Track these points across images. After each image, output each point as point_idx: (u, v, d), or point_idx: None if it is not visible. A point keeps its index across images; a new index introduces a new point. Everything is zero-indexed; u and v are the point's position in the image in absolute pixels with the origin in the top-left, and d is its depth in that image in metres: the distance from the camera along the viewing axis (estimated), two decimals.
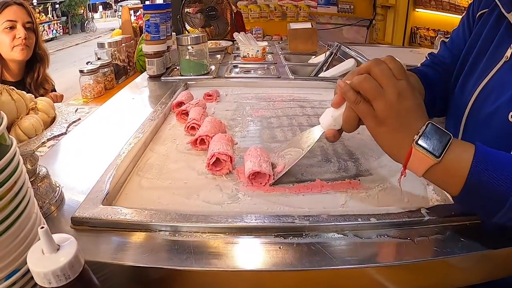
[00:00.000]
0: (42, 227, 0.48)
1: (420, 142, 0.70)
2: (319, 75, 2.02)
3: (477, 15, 1.14)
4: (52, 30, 19.97)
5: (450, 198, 0.83)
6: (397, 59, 0.76)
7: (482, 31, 1.10)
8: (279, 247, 0.71)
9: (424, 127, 0.71)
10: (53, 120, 0.88)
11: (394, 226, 0.77)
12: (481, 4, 1.14)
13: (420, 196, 0.89)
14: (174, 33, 2.34)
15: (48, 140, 0.78)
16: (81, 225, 0.78)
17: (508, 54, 0.97)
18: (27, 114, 0.85)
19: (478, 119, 1.04)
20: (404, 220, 0.77)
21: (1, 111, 0.55)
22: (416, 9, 5.96)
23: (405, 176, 0.77)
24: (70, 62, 11.31)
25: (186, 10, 3.01)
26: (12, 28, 1.95)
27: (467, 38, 1.17)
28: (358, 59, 2.24)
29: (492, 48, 1.04)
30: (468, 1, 5.15)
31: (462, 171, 0.68)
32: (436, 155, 0.69)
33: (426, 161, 0.70)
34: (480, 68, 1.06)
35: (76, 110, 0.91)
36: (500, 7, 1.02)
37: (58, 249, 0.50)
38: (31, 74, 2.14)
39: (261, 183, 0.92)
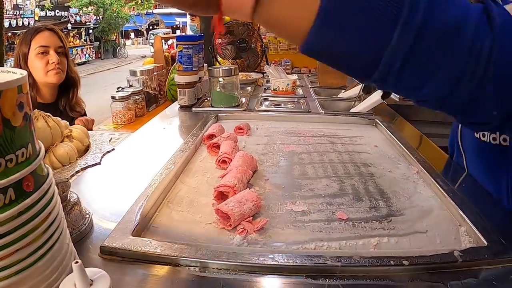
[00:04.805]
0: (77, 262, 0.48)
1: None
2: (350, 110, 2.01)
3: None
4: (85, 54, 20.60)
5: (483, 240, 0.82)
6: None
7: None
8: None
9: None
10: (87, 148, 0.89)
11: (427, 269, 0.75)
12: None
13: (452, 237, 0.88)
14: (206, 64, 2.37)
15: (82, 169, 0.78)
16: (109, 255, 0.78)
17: None
18: (62, 141, 0.85)
19: None
20: (437, 263, 0.75)
21: (39, 141, 0.56)
22: None
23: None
24: (101, 86, 11.57)
25: (217, 41, 3.05)
26: (44, 53, 2.00)
27: None
28: None
29: None
30: None
31: None
32: None
33: None
34: None
35: (110, 140, 0.92)
36: None
37: (91, 285, 0.49)
38: (65, 97, 2.18)
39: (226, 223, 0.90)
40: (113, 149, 0.88)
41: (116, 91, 2.41)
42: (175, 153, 1.26)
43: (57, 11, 20.51)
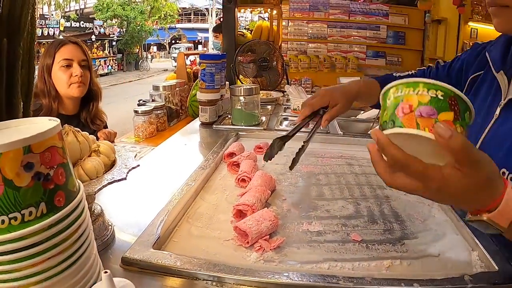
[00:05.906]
0: (106, 272, 0.51)
1: None
2: (368, 132, 2.02)
3: (470, 78, 1.18)
4: (108, 66, 20.90)
5: (494, 265, 0.82)
6: None
7: (477, 92, 1.13)
8: None
9: None
10: (113, 163, 0.92)
11: None
12: (472, 68, 1.19)
13: (464, 262, 0.88)
14: (228, 82, 2.41)
15: (109, 183, 0.82)
16: (130, 266, 0.81)
17: (497, 112, 1.00)
18: (89, 155, 0.89)
19: None
20: (447, 287, 0.75)
21: (67, 151, 0.59)
22: None
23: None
24: (123, 98, 11.67)
25: (239, 58, 3.10)
26: (68, 66, 2.04)
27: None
28: None
29: (485, 108, 1.06)
30: None
31: None
32: None
33: None
34: (477, 125, 1.04)
35: (135, 156, 0.95)
36: (491, 66, 1.07)
37: None
38: (86, 109, 2.22)
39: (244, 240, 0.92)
40: (138, 165, 0.91)
41: (138, 104, 2.46)
42: (196, 170, 1.29)
43: (82, 22, 20.91)
